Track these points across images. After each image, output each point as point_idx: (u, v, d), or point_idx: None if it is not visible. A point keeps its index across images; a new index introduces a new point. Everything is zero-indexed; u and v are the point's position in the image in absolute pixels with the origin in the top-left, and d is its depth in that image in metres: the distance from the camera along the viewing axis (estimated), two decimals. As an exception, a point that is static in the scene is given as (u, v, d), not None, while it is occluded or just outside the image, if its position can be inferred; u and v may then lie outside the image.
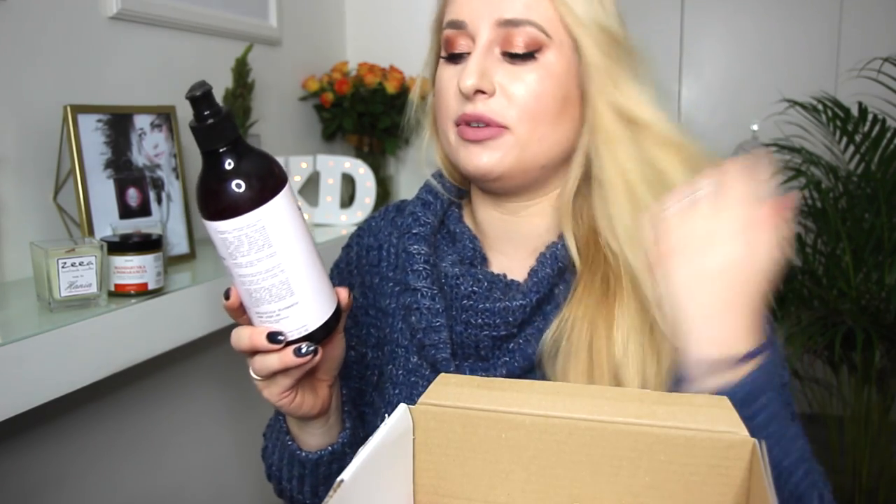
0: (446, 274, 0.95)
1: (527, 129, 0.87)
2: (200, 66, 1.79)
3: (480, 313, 0.91)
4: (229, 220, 0.71)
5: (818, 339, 2.07)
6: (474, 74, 0.85)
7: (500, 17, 0.86)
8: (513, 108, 0.86)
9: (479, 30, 0.87)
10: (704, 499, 0.58)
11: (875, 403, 2.33)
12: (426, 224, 0.99)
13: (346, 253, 1.10)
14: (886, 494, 2.37)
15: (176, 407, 1.70)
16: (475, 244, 0.98)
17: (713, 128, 3.48)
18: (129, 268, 1.24)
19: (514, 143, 0.87)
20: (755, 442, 0.56)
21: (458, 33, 0.89)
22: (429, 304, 0.93)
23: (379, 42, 2.49)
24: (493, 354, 0.93)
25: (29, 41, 1.35)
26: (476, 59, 0.86)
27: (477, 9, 0.87)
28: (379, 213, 1.12)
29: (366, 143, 2.35)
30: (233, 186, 0.71)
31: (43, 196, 1.38)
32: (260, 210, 0.71)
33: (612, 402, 0.62)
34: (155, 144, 1.51)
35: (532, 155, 0.88)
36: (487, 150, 0.88)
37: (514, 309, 0.90)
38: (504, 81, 0.87)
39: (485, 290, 0.92)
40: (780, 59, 3.41)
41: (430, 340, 0.93)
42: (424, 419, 0.64)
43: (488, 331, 0.91)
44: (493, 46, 0.87)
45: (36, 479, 1.35)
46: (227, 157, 0.73)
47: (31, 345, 1.05)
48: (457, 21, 0.89)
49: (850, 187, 2.40)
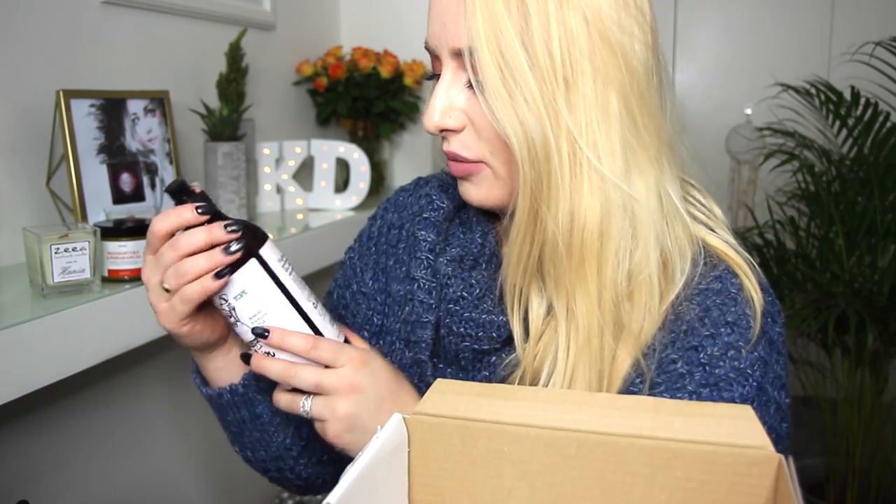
0: (439, 271, 0.89)
1: (502, 163, 0.80)
2: (194, 50, 1.78)
3: (464, 322, 0.86)
4: None
5: (811, 321, 2.07)
6: (436, 113, 0.80)
7: (451, 47, 0.78)
8: (482, 141, 0.80)
9: (442, 57, 0.80)
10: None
11: (868, 386, 2.34)
12: (439, 209, 0.93)
13: (370, 225, 1.06)
14: (879, 476, 2.39)
15: (170, 393, 1.70)
16: (487, 238, 0.92)
17: (706, 111, 3.48)
18: (122, 253, 1.24)
19: (494, 177, 0.82)
20: (781, 458, 0.52)
21: (433, 56, 0.83)
22: (423, 297, 0.89)
23: (373, 26, 2.48)
24: (473, 366, 0.89)
25: (21, 25, 1.34)
26: (440, 95, 0.80)
27: (436, 35, 0.80)
28: (410, 185, 1.07)
29: (360, 128, 2.34)
30: None
31: (35, 181, 1.37)
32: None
33: (624, 412, 0.57)
34: (148, 129, 1.50)
35: (517, 189, 0.78)
36: (473, 186, 0.84)
37: (499, 324, 0.85)
38: (471, 113, 0.80)
39: (474, 297, 0.86)
40: (773, 43, 3.41)
41: (415, 336, 0.90)
42: (420, 431, 0.59)
43: (469, 342, 0.87)
44: (459, 73, 0.79)
45: (29, 465, 1.35)
46: None
47: (24, 331, 1.05)
48: (427, 45, 0.82)
49: (843, 171, 2.41)
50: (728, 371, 0.78)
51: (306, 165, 2.09)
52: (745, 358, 0.78)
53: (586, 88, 0.74)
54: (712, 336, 0.79)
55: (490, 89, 0.74)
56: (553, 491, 0.57)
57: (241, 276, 0.77)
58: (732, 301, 0.81)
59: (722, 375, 0.78)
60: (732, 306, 0.80)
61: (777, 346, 0.81)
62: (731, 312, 0.80)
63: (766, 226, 2.51)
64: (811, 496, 2.44)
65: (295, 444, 0.96)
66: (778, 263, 2.46)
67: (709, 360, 0.78)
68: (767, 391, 0.79)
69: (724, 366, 0.78)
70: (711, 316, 0.80)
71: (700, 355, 0.78)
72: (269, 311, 0.79)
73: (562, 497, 0.57)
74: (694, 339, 0.79)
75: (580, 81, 0.74)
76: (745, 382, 0.77)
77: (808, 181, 2.43)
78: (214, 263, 0.76)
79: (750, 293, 0.81)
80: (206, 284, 0.76)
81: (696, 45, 3.52)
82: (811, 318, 2.06)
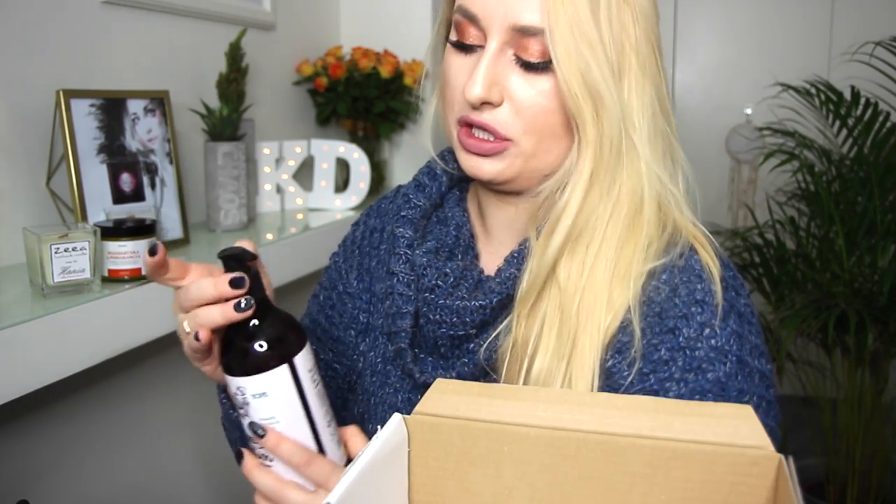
0: (416, 263, 0.91)
1: (532, 143, 0.83)
2: (194, 50, 1.78)
3: (439, 309, 0.88)
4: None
5: (811, 321, 2.07)
6: (482, 84, 0.80)
7: (515, 23, 0.79)
8: (519, 120, 0.82)
9: (491, 30, 0.81)
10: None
11: (868, 386, 2.34)
12: (416, 206, 0.96)
13: (353, 231, 1.10)
14: (879, 476, 2.39)
15: (170, 393, 1.70)
16: (461, 231, 0.95)
17: (707, 111, 3.48)
18: (122, 253, 1.24)
19: (517, 153, 0.84)
20: (781, 457, 0.52)
21: (468, 23, 0.83)
22: (402, 290, 0.91)
23: (373, 26, 2.48)
24: (452, 353, 0.90)
25: (21, 25, 1.34)
26: (486, 66, 0.81)
27: (491, 6, 0.80)
28: (389, 193, 1.11)
29: (360, 128, 2.34)
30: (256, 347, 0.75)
31: (36, 181, 1.37)
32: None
33: (624, 412, 0.57)
34: (148, 129, 1.50)
35: (535, 166, 0.85)
36: (489, 161, 0.85)
37: (472, 309, 0.87)
38: (513, 90, 0.82)
39: (449, 285, 0.89)
40: (773, 43, 3.41)
41: (396, 327, 0.91)
42: (420, 431, 0.59)
43: (445, 329, 0.88)
44: (506, 49, 0.81)
45: (29, 465, 1.35)
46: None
47: (23, 331, 1.05)
48: (469, 12, 0.82)
49: (843, 171, 2.41)
50: (708, 351, 0.80)
51: (306, 165, 2.09)
52: (720, 335, 0.80)
53: (632, 80, 0.82)
54: (685, 317, 0.81)
55: (564, 68, 0.78)
56: (553, 491, 0.57)
57: (267, 379, 0.74)
58: (698, 278, 0.83)
59: (703, 357, 0.80)
60: (699, 283, 0.83)
61: (746, 317, 0.83)
62: (698, 290, 0.82)
63: (766, 226, 2.51)
64: (811, 496, 2.44)
65: None
66: (778, 263, 2.46)
67: (687, 343, 0.80)
68: (748, 362, 0.81)
69: (703, 346, 0.80)
70: (680, 294, 0.82)
71: (679, 339, 0.81)
72: (281, 420, 0.76)
73: (562, 497, 0.57)
74: (669, 321, 0.82)
75: (627, 72, 0.82)
76: (725, 359, 0.80)
77: (808, 181, 2.44)
78: (227, 320, 0.74)
79: (710, 267, 0.84)
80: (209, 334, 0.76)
81: (696, 45, 3.52)
82: (811, 318, 2.07)
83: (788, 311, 2.12)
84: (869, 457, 2.39)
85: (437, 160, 1.00)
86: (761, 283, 2.49)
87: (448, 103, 0.88)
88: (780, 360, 2.15)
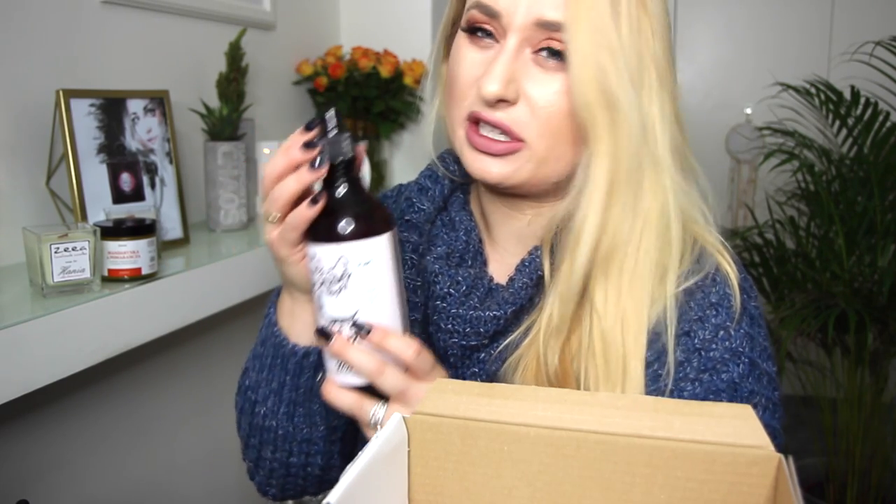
0: (426, 268, 0.89)
1: (545, 147, 0.80)
2: (194, 50, 1.78)
3: (451, 318, 0.86)
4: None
5: (811, 321, 2.07)
6: (499, 80, 0.77)
7: (539, 17, 0.77)
8: (535, 120, 0.79)
9: (512, 25, 0.78)
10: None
11: (868, 385, 2.35)
12: (420, 211, 0.93)
13: None
14: (879, 476, 2.39)
15: (170, 392, 1.70)
16: (471, 236, 0.92)
17: (707, 111, 3.48)
18: (122, 253, 1.24)
19: (529, 157, 0.81)
20: (781, 458, 0.52)
21: (487, 19, 0.80)
22: (409, 296, 0.87)
23: (373, 26, 2.48)
24: (461, 363, 0.88)
25: (21, 25, 1.34)
26: (504, 62, 0.78)
27: (514, 1, 0.78)
28: (390, 192, 1.07)
29: (360, 128, 2.34)
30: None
31: (35, 181, 1.37)
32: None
33: (624, 412, 0.57)
34: (148, 129, 1.50)
35: (545, 173, 0.82)
36: (498, 162, 0.81)
37: (486, 319, 0.85)
38: (530, 89, 0.79)
39: (461, 294, 0.87)
40: (773, 42, 3.42)
41: None
42: (420, 430, 0.58)
43: (457, 338, 0.86)
44: (524, 47, 0.79)
45: (29, 465, 1.35)
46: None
47: (23, 330, 1.05)
48: (490, 8, 0.79)
49: (843, 170, 2.41)
50: (722, 353, 0.81)
51: (306, 165, 2.09)
52: (734, 337, 0.82)
53: (653, 92, 0.80)
54: (700, 320, 0.82)
55: (579, 70, 0.76)
56: (553, 491, 0.56)
57: (374, 245, 0.72)
58: (712, 282, 0.84)
59: (717, 357, 0.81)
60: (713, 287, 0.84)
61: (757, 319, 0.84)
62: (713, 293, 0.83)
63: (766, 225, 2.51)
64: (811, 496, 2.44)
65: (340, 427, 0.92)
66: (778, 263, 2.46)
67: (702, 345, 0.81)
68: (759, 364, 0.82)
69: (718, 347, 0.81)
70: (695, 298, 0.83)
71: (694, 340, 0.82)
72: (382, 291, 0.73)
73: (562, 497, 0.56)
74: (684, 324, 0.82)
75: (647, 82, 0.80)
76: (739, 360, 0.81)
77: (808, 181, 2.44)
78: (303, 184, 0.72)
79: (726, 270, 0.84)
80: (304, 212, 0.72)
81: (696, 44, 3.52)
82: (811, 318, 2.07)
83: (788, 311, 2.12)
84: (869, 456, 2.40)
85: (437, 163, 0.97)
86: (761, 283, 2.49)
87: (456, 99, 0.83)
88: (781, 359, 2.15)
